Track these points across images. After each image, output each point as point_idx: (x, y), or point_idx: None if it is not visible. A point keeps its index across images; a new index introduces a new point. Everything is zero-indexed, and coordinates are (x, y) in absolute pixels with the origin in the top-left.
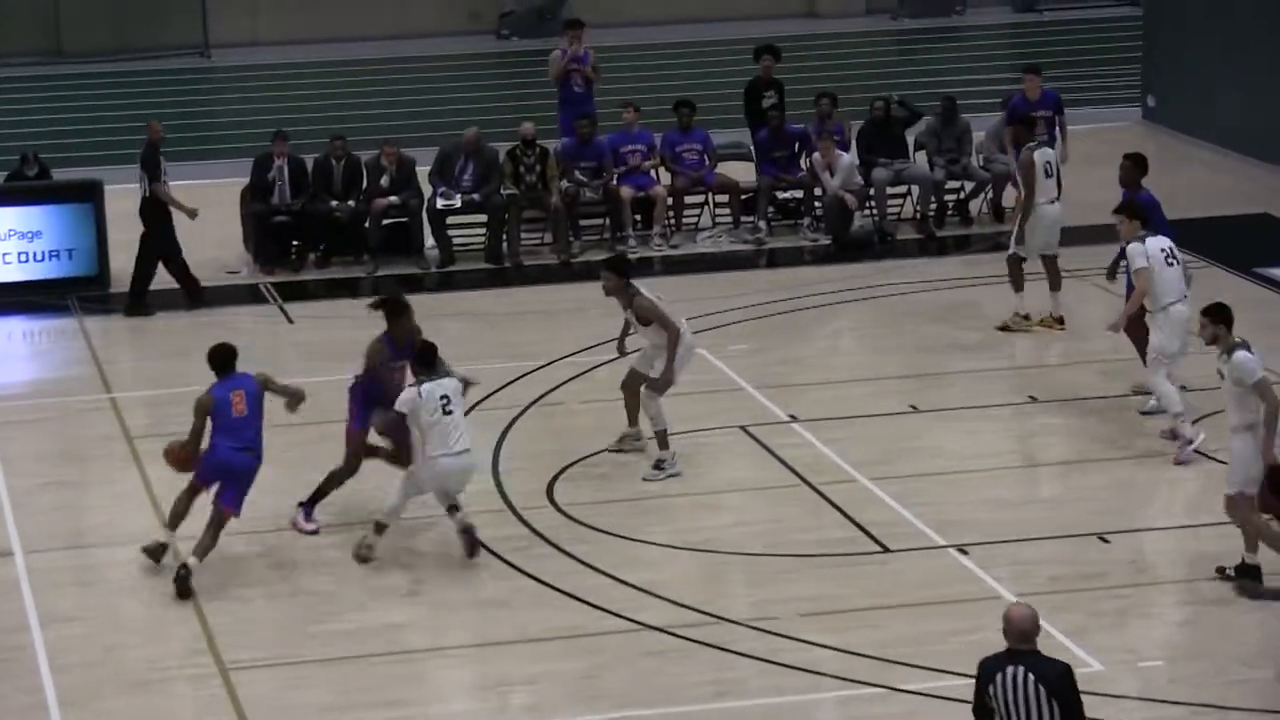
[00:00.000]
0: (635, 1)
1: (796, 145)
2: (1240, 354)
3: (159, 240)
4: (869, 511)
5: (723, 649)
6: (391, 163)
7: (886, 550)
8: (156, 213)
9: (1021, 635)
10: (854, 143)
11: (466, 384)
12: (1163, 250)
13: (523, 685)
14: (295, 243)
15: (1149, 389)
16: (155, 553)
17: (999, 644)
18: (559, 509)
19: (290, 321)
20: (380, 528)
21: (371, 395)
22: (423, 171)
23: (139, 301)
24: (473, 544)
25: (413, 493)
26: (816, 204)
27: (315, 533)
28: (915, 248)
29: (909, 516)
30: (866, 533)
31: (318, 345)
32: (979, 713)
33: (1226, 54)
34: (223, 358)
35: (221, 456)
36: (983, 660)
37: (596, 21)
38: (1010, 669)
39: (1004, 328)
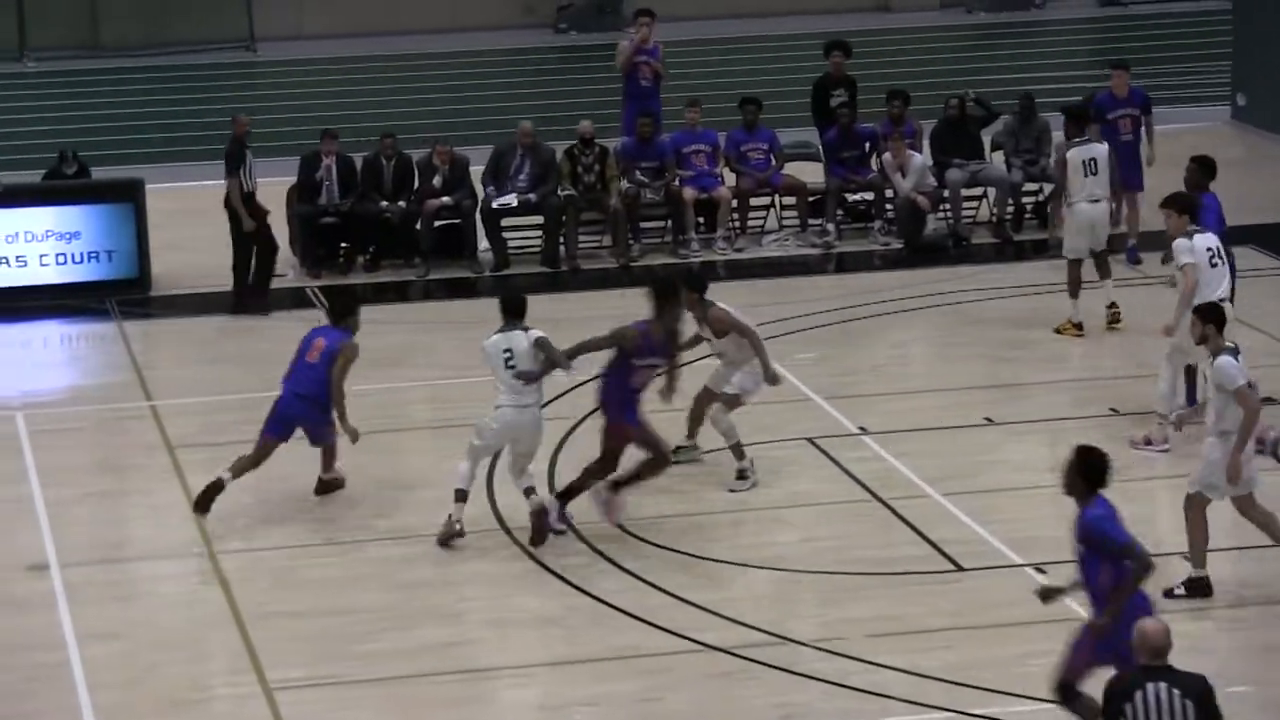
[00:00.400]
0: None
1: (867, 145)
2: (1223, 359)
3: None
4: (942, 528)
5: (789, 671)
6: (444, 162)
7: (960, 569)
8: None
9: (1156, 651)
10: (927, 143)
11: (548, 357)
12: (1209, 249)
13: (582, 707)
14: (343, 245)
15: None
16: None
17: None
18: (619, 525)
19: None
20: (462, 495)
21: (622, 386)
22: (476, 171)
23: (258, 297)
24: (540, 530)
25: (482, 454)
26: (888, 206)
27: (563, 533)
28: (991, 252)
29: (984, 534)
30: (939, 550)
31: (367, 352)
32: None
33: None
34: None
35: None
36: (1112, 680)
37: (661, 16)
38: (1151, 686)
39: (1058, 331)
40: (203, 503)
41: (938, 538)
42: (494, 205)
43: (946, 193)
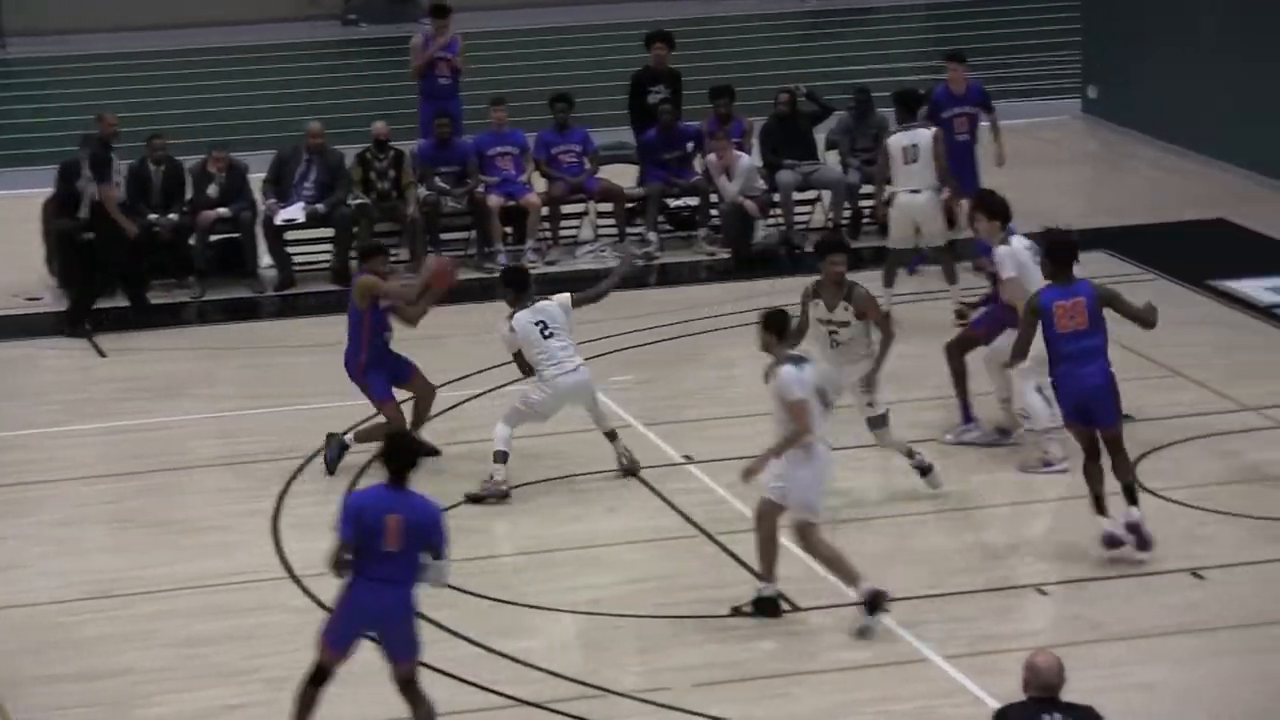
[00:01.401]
0: None
1: (690, 146)
2: (785, 369)
3: (110, 250)
4: (778, 564)
5: None
6: (220, 169)
7: (796, 609)
8: (107, 219)
9: (1048, 686)
10: (756, 142)
11: (597, 292)
12: (1028, 247)
13: None
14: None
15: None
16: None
17: (924, 713)
18: None
19: (102, 355)
20: (503, 456)
21: None
22: (256, 180)
23: (81, 320)
24: (631, 465)
25: (527, 419)
26: (713, 212)
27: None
28: None
29: (821, 570)
30: None
31: (137, 382)
32: None
33: (1176, 40)
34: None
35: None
36: (1003, 711)
37: (459, 5)
38: (1046, 718)
39: None
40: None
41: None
42: (276, 220)
43: (777, 196)
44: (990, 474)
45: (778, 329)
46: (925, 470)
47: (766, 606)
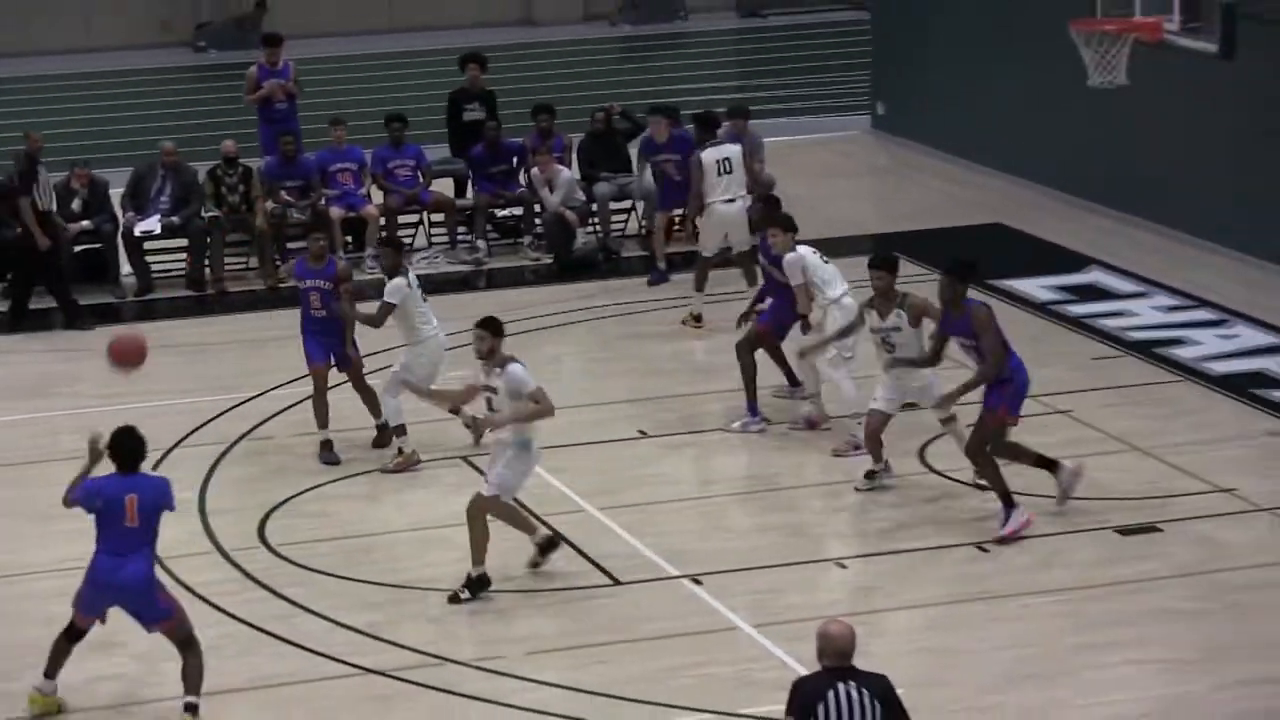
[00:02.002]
0: (339, 11)
1: (515, 160)
2: (514, 367)
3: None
4: (599, 543)
5: (448, 692)
6: (83, 185)
7: (618, 583)
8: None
9: (840, 652)
10: (575, 157)
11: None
12: (814, 251)
13: None
14: None
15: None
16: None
17: (735, 678)
18: (272, 550)
19: None
20: (401, 429)
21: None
22: (117, 194)
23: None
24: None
25: (410, 385)
26: (537, 222)
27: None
28: (641, 266)
29: (640, 547)
30: (597, 565)
31: (6, 383)
32: None
33: (956, 60)
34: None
35: None
36: (801, 681)
37: (300, 32)
38: (841, 686)
39: (682, 323)
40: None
41: (595, 553)
42: (135, 231)
43: (595, 207)
44: (802, 456)
45: (497, 331)
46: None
47: (479, 585)
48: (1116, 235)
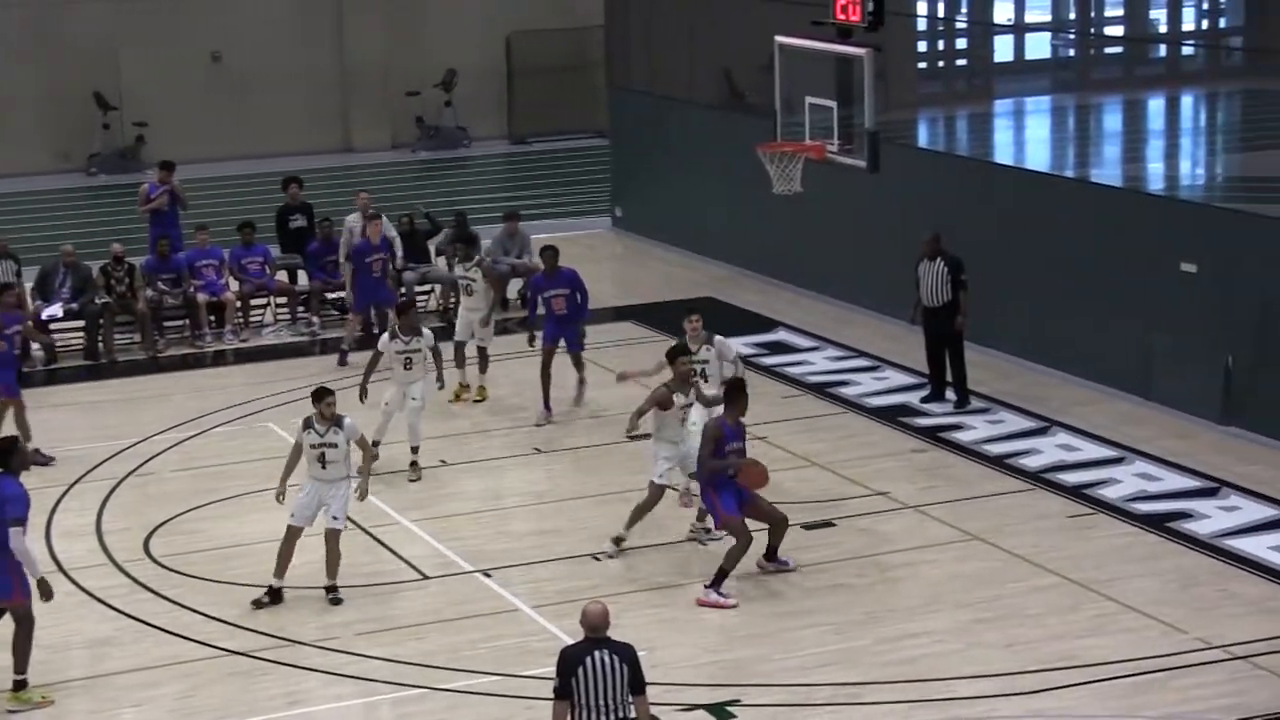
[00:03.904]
0: (199, 142)
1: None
2: (350, 421)
3: None
4: (411, 547)
5: (295, 666)
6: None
7: (426, 577)
8: None
9: (595, 627)
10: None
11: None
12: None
13: (130, 708)
14: None
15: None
16: None
17: (518, 648)
18: (156, 561)
19: None
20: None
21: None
22: (28, 286)
23: None
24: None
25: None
26: None
27: (735, 605)
28: (440, 333)
29: (443, 549)
30: (410, 564)
31: None
32: (562, 691)
33: (676, 173)
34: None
35: None
36: (566, 649)
37: (171, 158)
38: (597, 653)
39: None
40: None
41: (409, 554)
42: (43, 315)
43: (404, 289)
44: (574, 476)
45: (320, 396)
46: None
47: (276, 595)
48: (796, 305)
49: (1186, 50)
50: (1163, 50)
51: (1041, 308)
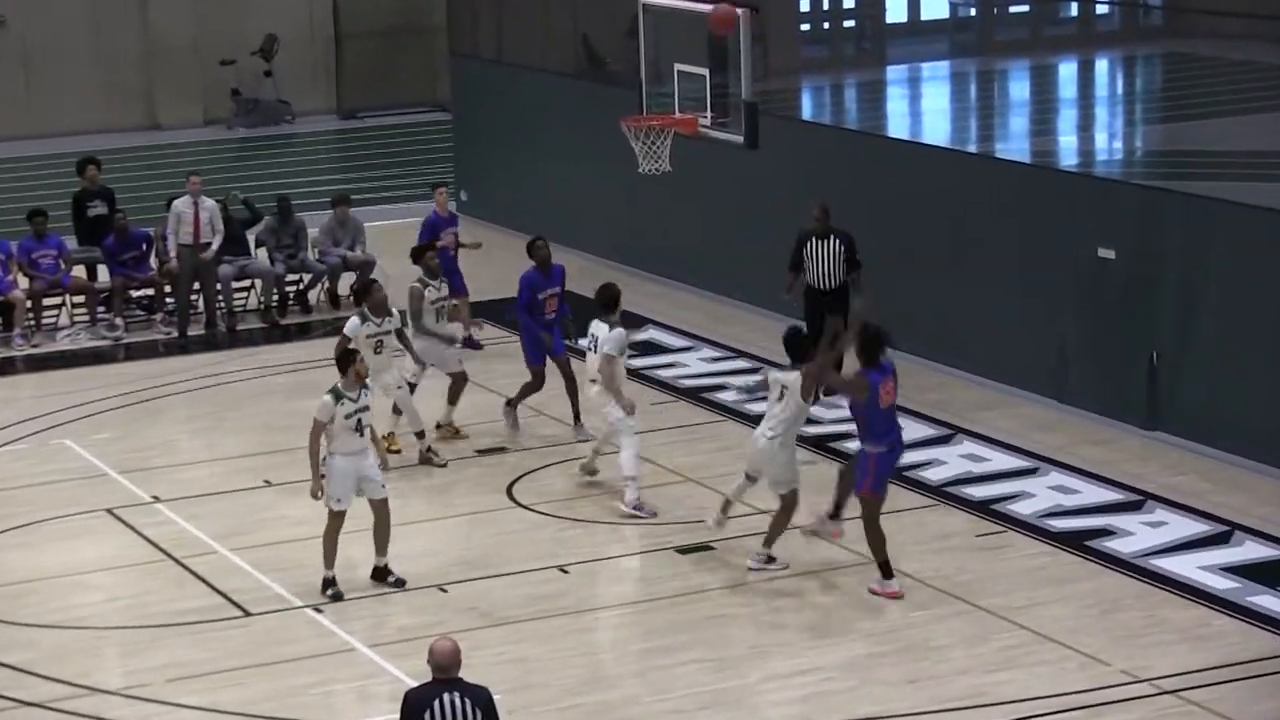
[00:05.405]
0: None
1: (145, 246)
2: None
3: None
4: (231, 580)
5: (98, 719)
6: None
7: (248, 614)
8: None
9: (444, 666)
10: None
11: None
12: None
13: None
14: None
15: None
16: None
17: (354, 693)
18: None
19: None
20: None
21: None
22: None
23: None
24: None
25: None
26: (168, 301)
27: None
28: (260, 336)
29: (267, 581)
30: (229, 599)
31: None
32: None
33: (526, 152)
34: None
35: None
36: (410, 693)
37: None
38: (446, 696)
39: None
40: None
41: (227, 588)
42: None
43: (219, 285)
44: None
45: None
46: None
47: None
48: (666, 299)
49: (1101, 8)
50: (1074, 9)
51: (942, 300)
